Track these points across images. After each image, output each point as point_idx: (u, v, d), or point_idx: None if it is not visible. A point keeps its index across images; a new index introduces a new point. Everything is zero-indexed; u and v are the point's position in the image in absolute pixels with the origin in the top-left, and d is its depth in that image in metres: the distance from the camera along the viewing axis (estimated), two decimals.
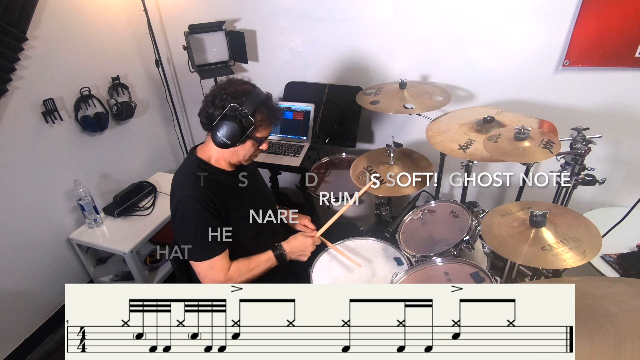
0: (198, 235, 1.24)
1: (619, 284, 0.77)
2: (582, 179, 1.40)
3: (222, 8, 2.21)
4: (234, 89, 1.22)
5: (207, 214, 1.22)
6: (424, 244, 1.49)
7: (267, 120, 1.25)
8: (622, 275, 1.46)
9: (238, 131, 1.20)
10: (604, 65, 1.67)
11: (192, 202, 1.20)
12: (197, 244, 1.25)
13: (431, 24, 1.86)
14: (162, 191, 2.32)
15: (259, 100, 1.23)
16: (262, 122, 1.24)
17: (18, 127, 1.76)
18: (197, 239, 1.24)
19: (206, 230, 1.23)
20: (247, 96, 1.21)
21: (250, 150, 1.29)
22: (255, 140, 1.27)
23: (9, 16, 1.56)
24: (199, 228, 1.23)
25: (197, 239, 1.24)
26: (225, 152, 1.29)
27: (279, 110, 1.30)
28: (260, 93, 1.27)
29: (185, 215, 1.23)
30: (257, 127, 1.24)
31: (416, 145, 2.15)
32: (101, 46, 2.12)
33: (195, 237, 1.24)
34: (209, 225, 1.23)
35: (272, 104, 1.28)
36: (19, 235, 1.84)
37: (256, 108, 1.22)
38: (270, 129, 1.30)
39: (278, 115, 1.29)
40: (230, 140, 1.21)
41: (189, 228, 1.25)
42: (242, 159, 1.32)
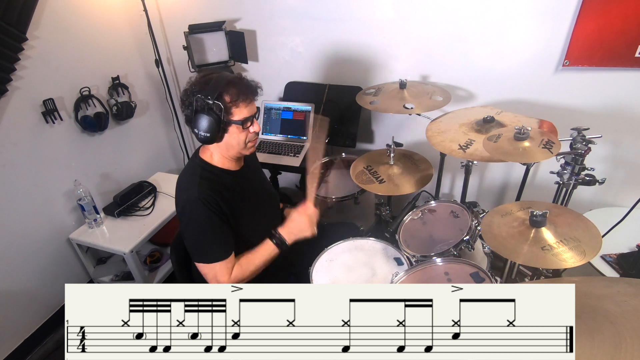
0: (206, 237, 1.23)
1: (619, 284, 0.77)
2: (582, 179, 1.40)
3: (222, 8, 2.21)
4: (197, 83, 1.20)
5: (213, 215, 1.21)
6: (424, 244, 1.49)
7: (237, 99, 1.18)
8: (622, 275, 1.46)
9: (213, 121, 1.16)
10: (604, 65, 1.67)
11: (198, 205, 1.19)
12: (205, 246, 1.24)
13: (431, 24, 1.86)
14: (162, 191, 2.32)
15: (223, 82, 1.17)
16: (232, 102, 1.18)
17: (18, 127, 1.76)
18: (205, 241, 1.24)
19: (213, 232, 1.23)
20: (209, 83, 1.17)
21: (240, 136, 1.23)
22: (236, 123, 1.20)
23: (9, 16, 1.56)
24: (206, 230, 1.22)
25: (204, 240, 1.24)
26: (222, 149, 1.27)
27: (249, 84, 1.23)
28: (225, 75, 1.21)
29: (191, 218, 1.22)
30: (229, 108, 1.18)
31: (416, 146, 2.15)
32: (101, 46, 2.12)
33: (202, 239, 1.24)
34: (215, 227, 1.22)
35: (238, 81, 1.21)
36: (19, 235, 1.84)
37: (221, 91, 1.16)
38: (248, 107, 1.22)
39: (249, 90, 1.22)
40: (210, 132, 1.17)
41: (196, 230, 1.24)
42: (239, 148, 1.26)
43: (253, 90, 1.24)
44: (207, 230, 1.22)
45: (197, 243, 1.25)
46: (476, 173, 2.21)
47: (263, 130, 2.22)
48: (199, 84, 1.19)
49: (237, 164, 1.35)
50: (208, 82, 1.18)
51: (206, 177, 1.25)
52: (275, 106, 2.19)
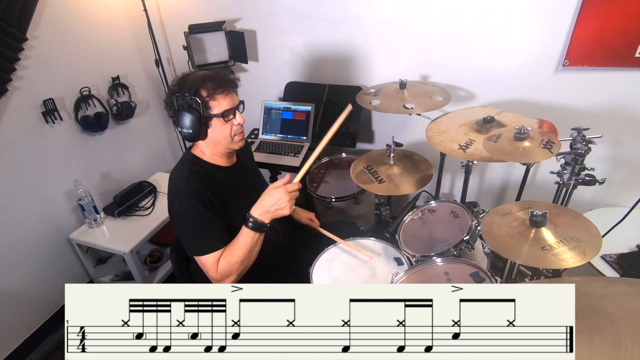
0: (194, 229, 1.22)
1: (619, 284, 0.77)
2: (582, 179, 1.40)
3: (222, 8, 2.21)
4: (176, 83, 1.22)
5: (202, 207, 1.20)
6: (424, 244, 1.49)
7: (215, 91, 1.19)
8: (622, 275, 1.46)
9: (193, 117, 1.18)
10: (604, 65, 1.67)
11: (186, 196, 1.19)
12: (193, 238, 1.23)
13: (431, 24, 1.87)
14: (162, 191, 2.32)
15: (198, 79, 1.20)
16: (209, 96, 1.19)
17: (18, 127, 1.76)
18: (193, 233, 1.23)
19: (201, 225, 1.22)
20: (185, 81, 1.20)
21: (224, 130, 1.23)
22: (217, 116, 1.21)
23: (9, 16, 1.56)
24: (195, 222, 1.21)
25: (193, 233, 1.23)
26: (210, 145, 1.28)
27: (225, 77, 1.24)
28: (201, 72, 1.22)
29: (180, 210, 1.22)
30: (207, 102, 1.19)
31: (416, 146, 2.15)
32: (101, 46, 2.12)
33: (192, 231, 1.23)
34: (203, 219, 1.21)
35: (214, 75, 1.22)
36: (19, 235, 1.84)
37: (197, 86, 1.18)
38: (227, 99, 1.22)
39: (225, 82, 1.22)
40: (192, 128, 1.19)
41: (185, 222, 1.23)
42: (226, 142, 1.26)
43: (230, 82, 1.25)
44: (195, 223, 1.22)
45: (186, 235, 1.24)
46: (476, 173, 2.21)
47: (263, 130, 2.22)
48: (177, 84, 1.22)
49: (228, 160, 1.35)
50: (185, 80, 1.21)
51: (196, 170, 1.25)
52: (275, 106, 2.19)
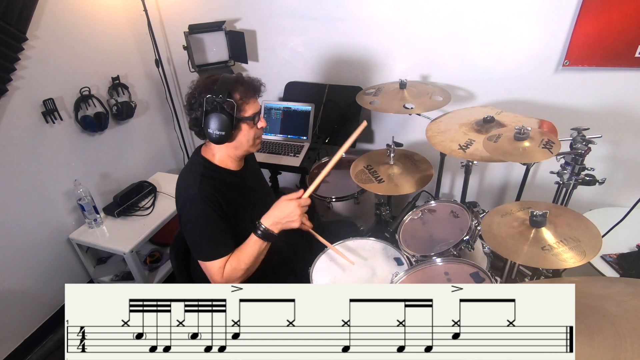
0: (206, 234, 1.23)
1: (619, 284, 0.77)
2: (582, 179, 1.40)
3: (222, 8, 2.21)
4: (202, 85, 1.21)
5: (213, 213, 1.21)
6: (424, 244, 1.49)
7: (246, 95, 1.22)
8: (622, 275, 1.46)
9: (226, 119, 1.18)
10: (604, 65, 1.67)
11: (198, 202, 1.19)
12: (205, 244, 1.24)
13: (431, 24, 1.86)
14: (162, 191, 2.32)
15: (230, 81, 1.21)
16: (242, 99, 1.21)
17: (18, 127, 1.76)
18: (205, 238, 1.23)
19: (212, 230, 1.22)
20: (216, 84, 1.20)
21: (250, 133, 1.26)
22: (248, 120, 1.24)
23: (9, 16, 1.56)
24: (207, 227, 1.22)
25: (204, 238, 1.23)
26: (230, 148, 1.28)
27: (254, 80, 1.27)
28: (229, 75, 1.24)
29: (191, 215, 1.22)
30: (240, 105, 1.21)
31: (416, 146, 2.15)
32: (101, 46, 2.12)
33: (202, 237, 1.23)
34: (214, 225, 1.22)
35: (244, 79, 1.25)
36: (19, 235, 1.84)
37: (230, 89, 1.19)
38: (255, 103, 1.27)
39: (255, 85, 1.27)
40: (224, 129, 1.19)
41: (196, 227, 1.23)
42: (247, 145, 1.28)
43: (257, 87, 1.28)
44: (206, 228, 1.22)
45: (196, 241, 1.25)
46: (476, 173, 2.21)
47: None
48: (204, 85, 1.21)
49: (238, 164, 1.35)
50: (214, 82, 1.20)
51: (208, 175, 1.25)
52: (275, 106, 2.19)
